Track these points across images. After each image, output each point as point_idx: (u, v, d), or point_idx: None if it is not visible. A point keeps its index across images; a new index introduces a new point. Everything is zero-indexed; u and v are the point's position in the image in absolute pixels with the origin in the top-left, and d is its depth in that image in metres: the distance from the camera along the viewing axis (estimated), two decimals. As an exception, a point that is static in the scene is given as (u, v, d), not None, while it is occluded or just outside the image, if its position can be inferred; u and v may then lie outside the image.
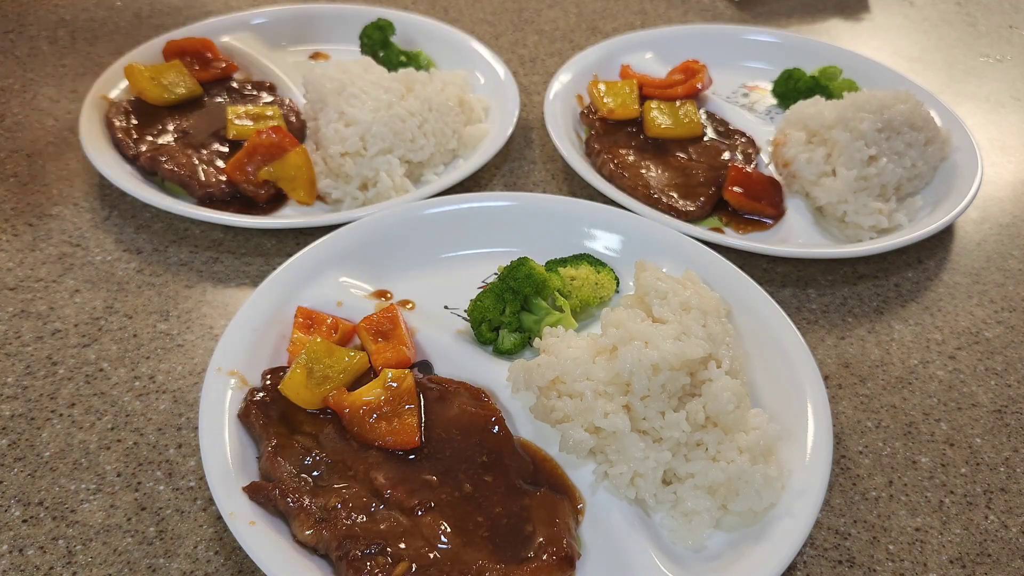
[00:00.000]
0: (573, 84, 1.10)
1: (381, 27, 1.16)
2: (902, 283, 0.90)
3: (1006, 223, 1.00)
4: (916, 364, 0.80)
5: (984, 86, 1.27)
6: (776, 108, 1.17)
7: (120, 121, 0.98)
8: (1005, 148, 1.13)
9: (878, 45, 1.37)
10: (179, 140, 0.97)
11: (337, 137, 0.93)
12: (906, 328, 0.85)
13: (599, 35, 1.26)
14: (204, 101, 1.04)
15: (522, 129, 1.09)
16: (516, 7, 1.39)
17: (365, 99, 0.95)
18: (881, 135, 0.94)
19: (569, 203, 0.89)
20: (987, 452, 0.72)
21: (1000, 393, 0.78)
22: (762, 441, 0.63)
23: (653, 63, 1.18)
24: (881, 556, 0.64)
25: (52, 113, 1.08)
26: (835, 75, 1.15)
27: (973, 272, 0.92)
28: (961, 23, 1.45)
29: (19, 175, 0.98)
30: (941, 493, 0.69)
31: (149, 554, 0.61)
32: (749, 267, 0.81)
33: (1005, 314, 0.87)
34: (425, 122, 0.98)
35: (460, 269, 0.85)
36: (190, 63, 1.07)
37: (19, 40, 1.23)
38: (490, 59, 1.14)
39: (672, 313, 0.68)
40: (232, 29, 1.18)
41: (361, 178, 0.93)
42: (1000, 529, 0.66)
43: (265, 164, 0.92)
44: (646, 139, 1.03)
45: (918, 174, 0.96)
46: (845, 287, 0.89)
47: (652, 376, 0.62)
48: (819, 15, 1.44)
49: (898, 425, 0.74)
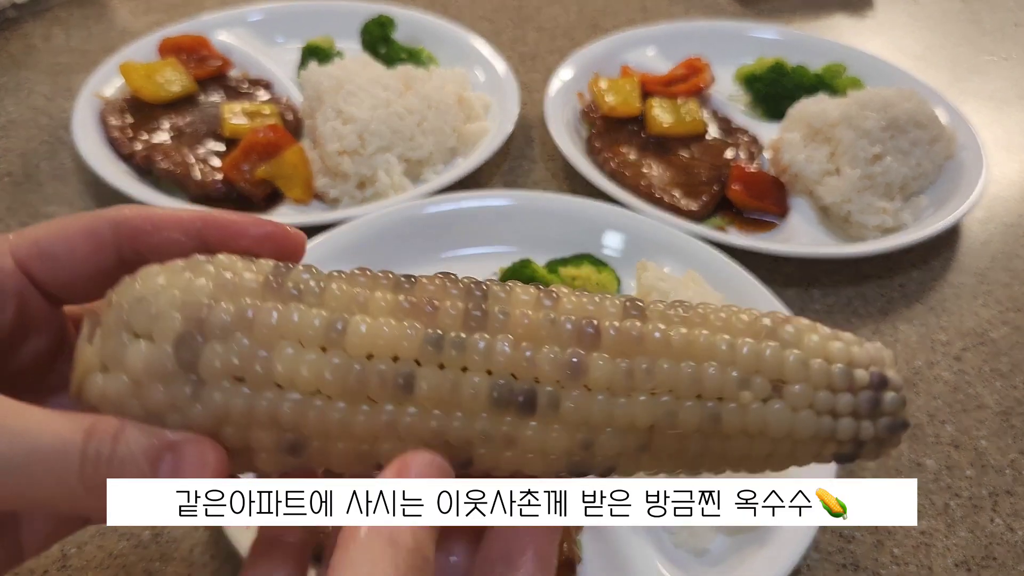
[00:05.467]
0: (574, 81, 1.09)
1: (382, 23, 1.15)
2: (907, 283, 0.89)
3: (1012, 223, 1.00)
4: (921, 365, 0.80)
5: (989, 84, 1.26)
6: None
7: (115, 119, 0.97)
8: (1011, 147, 1.13)
9: (882, 42, 1.36)
10: (174, 138, 0.96)
11: (335, 135, 0.92)
12: (911, 329, 0.84)
13: (600, 31, 1.25)
14: (200, 99, 1.03)
15: (522, 127, 1.08)
16: (516, 4, 1.38)
17: (363, 96, 0.94)
18: (886, 133, 0.93)
19: (570, 202, 0.88)
20: (993, 454, 0.71)
21: (1006, 395, 0.77)
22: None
23: (655, 60, 1.17)
24: (886, 560, 0.63)
25: (47, 111, 1.07)
26: (839, 72, 1.15)
27: (978, 272, 0.92)
28: (966, 20, 1.44)
29: (13, 174, 0.97)
30: (946, 496, 0.68)
31: (144, 557, 0.60)
32: (752, 267, 0.80)
33: (1011, 314, 0.86)
34: (424, 120, 0.97)
35: (460, 269, 0.83)
36: (186, 60, 1.06)
37: (12, 37, 1.22)
38: (490, 56, 1.13)
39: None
40: (228, 26, 1.17)
41: (359, 176, 0.92)
42: (1006, 532, 0.66)
43: (261, 162, 0.91)
44: (648, 137, 1.02)
45: (923, 173, 0.95)
46: (849, 287, 0.88)
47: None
48: (823, 12, 1.43)
49: (903, 427, 0.73)
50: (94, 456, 0.27)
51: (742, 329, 0.32)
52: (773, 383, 0.31)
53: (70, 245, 0.33)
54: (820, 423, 0.32)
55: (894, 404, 0.32)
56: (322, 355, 0.30)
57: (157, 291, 0.30)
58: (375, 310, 0.31)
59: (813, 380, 0.31)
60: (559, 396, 0.30)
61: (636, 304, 0.32)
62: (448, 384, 0.30)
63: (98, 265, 0.34)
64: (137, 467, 0.28)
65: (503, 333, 0.30)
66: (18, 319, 0.33)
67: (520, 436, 0.30)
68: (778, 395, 0.31)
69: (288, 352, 0.29)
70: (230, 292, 0.30)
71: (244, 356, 0.29)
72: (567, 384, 0.30)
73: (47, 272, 0.33)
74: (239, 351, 0.29)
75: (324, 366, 0.29)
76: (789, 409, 0.31)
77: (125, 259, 0.34)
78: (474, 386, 0.30)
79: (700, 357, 0.31)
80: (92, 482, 0.27)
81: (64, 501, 0.28)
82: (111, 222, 0.33)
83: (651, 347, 0.31)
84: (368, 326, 0.30)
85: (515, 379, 0.30)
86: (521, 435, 0.30)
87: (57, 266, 0.33)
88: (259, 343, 0.29)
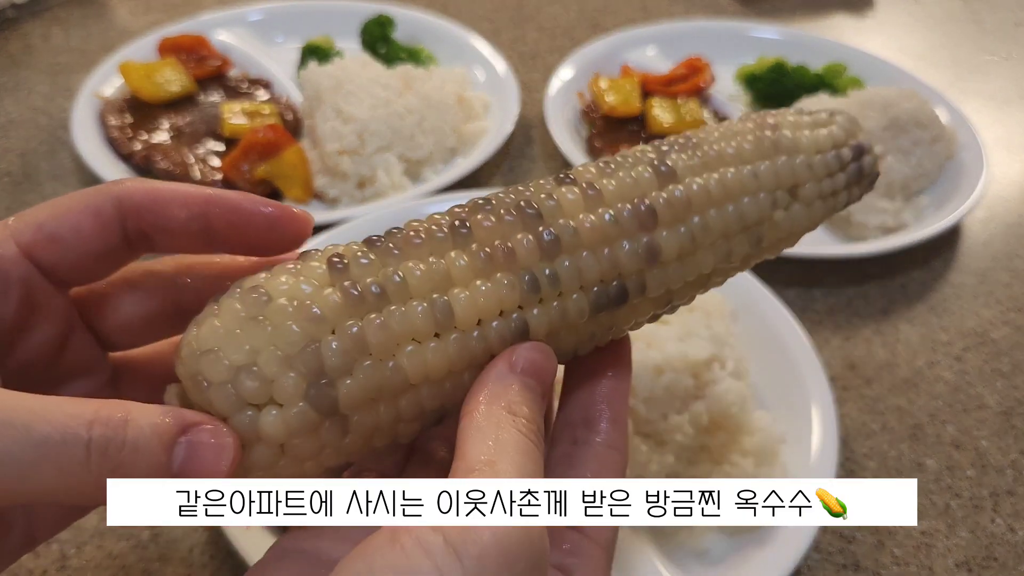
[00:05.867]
0: (574, 81, 1.09)
1: (382, 23, 1.15)
2: (908, 283, 0.89)
3: (1012, 222, 0.99)
4: (922, 365, 0.79)
5: (990, 84, 1.26)
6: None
7: (115, 119, 0.97)
8: (1011, 147, 1.12)
9: (883, 42, 1.36)
10: (174, 138, 0.96)
11: (334, 135, 0.92)
12: (912, 329, 0.84)
13: (600, 31, 1.25)
14: (199, 99, 1.03)
15: (522, 127, 1.08)
16: (516, 3, 1.38)
17: (363, 96, 0.94)
18: (887, 133, 0.93)
19: (570, 201, 0.87)
20: (994, 455, 0.71)
21: (1007, 395, 0.77)
22: (766, 444, 0.62)
23: (656, 59, 1.17)
24: (886, 560, 0.63)
25: (46, 111, 1.07)
26: (840, 72, 1.14)
27: (979, 272, 0.91)
28: (967, 20, 1.44)
29: (12, 174, 0.97)
30: (947, 496, 0.68)
31: (144, 558, 0.60)
32: (753, 267, 0.80)
33: (1012, 315, 0.86)
34: (424, 119, 0.97)
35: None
36: (185, 60, 1.06)
37: (12, 37, 1.21)
38: (490, 56, 1.13)
39: (675, 314, 0.67)
40: (227, 25, 1.17)
41: (359, 176, 0.92)
42: (1007, 532, 0.65)
43: (261, 162, 0.91)
44: (648, 137, 1.02)
45: (924, 172, 0.95)
46: (851, 287, 0.88)
47: (655, 378, 0.62)
48: (823, 11, 1.43)
49: (904, 427, 0.73)
50: (101, 444, 0.26)
51: (751, 151, 0.36)
52: (790, 190, 0.36)
53: (75, 226, 0.32)
54: (826, 206, 0.37)
55: (871, 165, 0.38)
56: (440, 340, 0.30)
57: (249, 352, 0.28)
58: (462, 276, 0.31)
59: (818, 175, 0.37)
60: (644, 280, 0.34)
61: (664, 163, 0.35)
62: (555, 314, 0.32)
63: (104, 243, 0.32)
64: (151, 451, 0.26)
65: (579, 249, 0.32)
66: (24, 307, 0.32)
67: (617, 321, 0.35)
68: (795, 199, 0.36)
69: (411, 352, 0.30)
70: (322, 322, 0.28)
71: (376, 376, 0.29)
72: (647, 268, 0.34)
73: (54, 256, 0.32)
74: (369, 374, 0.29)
75: (448, 349, 0.30)
76: (805, 207, 0.37)
77: (130, 237, 0.33)
78: (576, 305, 0.32)
79: (737, 194, 0.35)
80: (101, 472, 0.26)
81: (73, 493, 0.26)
82: (114, 198, 0.32)
83: (699, 204, 0.34)
84: (467, 297, 0.30)
85: (603, 283, 0.33)
86: (617, 320, 0.34)
87: (64, 248, 0.32)
88: (381, 357, 0.29)
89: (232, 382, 0.28)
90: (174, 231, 0.33)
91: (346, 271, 0.30)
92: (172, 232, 0.33)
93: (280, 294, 0.29)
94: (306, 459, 0.29)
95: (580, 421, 0.35)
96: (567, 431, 0.35)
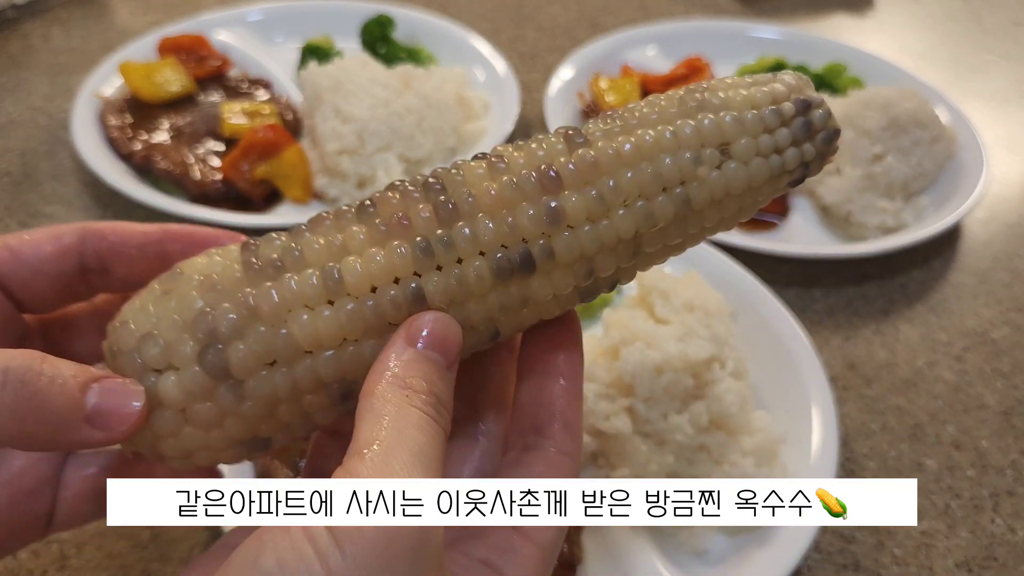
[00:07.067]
0: (574, 81, 1.09)
1: (382, 23, 1.15)
2: (908, 283, 0.89)
3: (1013, 222, 0.99)
4: (922, 365, 0.79)
5: (990, 83, 1.26)
6: None
7: (115, 119, 0.97)
8: (1011, 146, 1.12)
9: (883, 41, 1.36)
10: (174, 138, 0.96)
11: (334, 134, 0.92)
12: (912, 329, 0.84)
13: (600, 31, 1.24)
14: (199, 98, 1.03)
15: (522, 127, 1.08)
16: (515, 3, 1.38)
17: (363, 96, 0.94)
18: (887, 133, 0.93)
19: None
20: (994, 455, 0.71)
21: (1007, 395, 0.77)
22: (766, 444, 0.62)
23: (656, 59, 1.17)
24: (887, 560, 0.63)
25: (46, 111, 1.07)
26: (840, 72, 1.14)
27: (980, 272, 0.91)
28: (967, 20, 1.44)
29: (12, 174, 0.97)
30: (947, 496, 0.68)
31: (143, 558, 0.60)
32: (753, 267, 0.80)
33: (1012, 314, 0.86)
34: (424, 119, 0.97)
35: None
36: (185, 60, 1.06)
37: (12, 37, 1.21)
38: (489, 55, 1.13)
39: (675, 314, 0.67)
40: (227, 25, 1.17)
41: (358, 176, 0.92)
42: (1007, 533, 0.65)
43: (261, 162, 0.91)
44: (648, 136, 1.02)
45: (924, 172, 0.95)
46: (850, 287, 0.88)
47: (655, 378, 0.62)
48: (823, 11, 1.43)
49: (904, 427, 0.73)
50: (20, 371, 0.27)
51: (675, 113, 0.34)
52: (720, 148, 0.34)
53: (36, 246, 0.36)
54: (771, 163, 0.35)
55: (823, 119, 0.36)
56: (333, 307, 0.31)
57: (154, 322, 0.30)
58: (358, 246, 0.31)
59: (752, 130, 0.34)
60: (551, 245, 0.32)
61: (577, 132, 0.34)
62: (453, 280, 0.31)
63: (61, 268, 0.36)
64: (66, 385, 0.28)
65: (478, 213, 0.32)
66: None
67: (531, 292, 0.33)
68: (728, 157, 0.34)
69: (303, 319, 0.30)
70: (220, 291, 0.31)
71: (266, 341, 0.30)
72: (553, 232, 0.32)
73: (12, 271, 0.35)
74: (259, 339, 0.30)
75: (339, 316, 0.31)
76: (742, 164, 0.34)
77: (87, 265, 0.36)
78: (475, 270, 0.31)
79: (653, 154, 0.33)
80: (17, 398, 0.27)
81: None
82: (79, 228, 0.36)
83: (608, 166, 0.33)
84: (361, 263, 0.31)
85: (506, 248, 0.32)
86: (532, 291, 0.33)
87: (21, 265, 0.35)
88: (273, 323, 0.30)
89: (137, 350, 0.30)
90: (131, 256, 0.36)
91: (255, 250, 0.32)
92: (129, 257, 0.36)
93: (192, 271, 0.31)
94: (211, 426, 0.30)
95: (530, 428, 0.34)
96: (519, 437, 0.34)
